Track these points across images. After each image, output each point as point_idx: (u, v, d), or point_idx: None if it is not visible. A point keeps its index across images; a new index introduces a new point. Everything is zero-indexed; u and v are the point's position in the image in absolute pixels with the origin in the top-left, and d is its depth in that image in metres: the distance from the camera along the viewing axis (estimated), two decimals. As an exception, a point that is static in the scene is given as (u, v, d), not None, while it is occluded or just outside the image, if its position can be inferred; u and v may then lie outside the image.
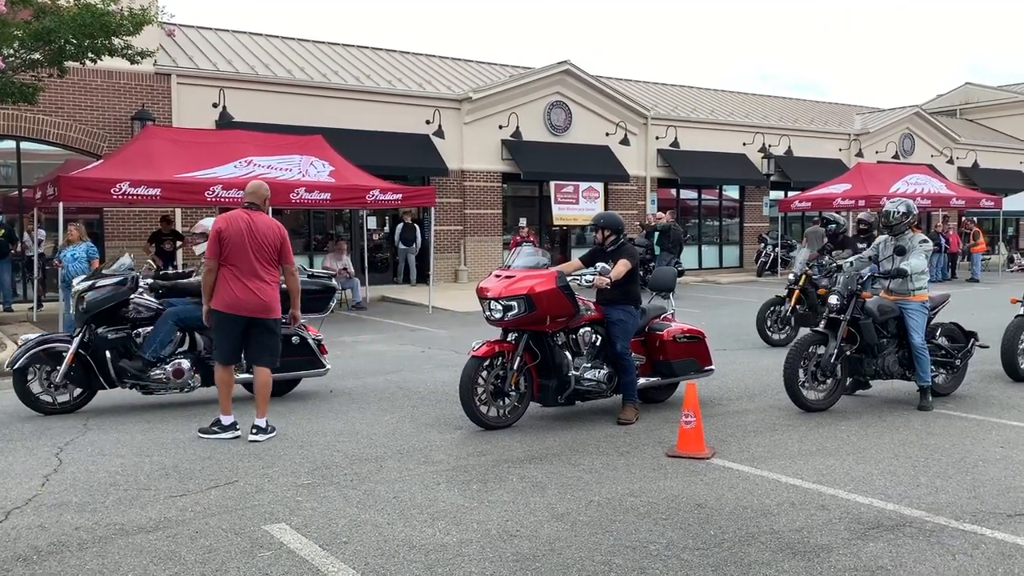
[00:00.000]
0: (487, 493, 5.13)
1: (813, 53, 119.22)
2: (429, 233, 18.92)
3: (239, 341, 6.49)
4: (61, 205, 12.52)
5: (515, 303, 6.52)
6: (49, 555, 4.20)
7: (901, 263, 7.43)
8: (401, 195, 15.49)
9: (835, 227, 12.39)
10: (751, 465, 5.72)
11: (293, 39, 23.00)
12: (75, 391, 7.49)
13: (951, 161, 32.41)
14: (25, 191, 15.96)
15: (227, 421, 6.49)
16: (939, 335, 7.99)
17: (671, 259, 17.43)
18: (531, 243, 17.66)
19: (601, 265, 6.86)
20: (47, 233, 15.91)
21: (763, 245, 26.02)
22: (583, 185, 23.09)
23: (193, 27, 21.16)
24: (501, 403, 6.75)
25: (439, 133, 20.83)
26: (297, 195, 13.74)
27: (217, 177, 13.28)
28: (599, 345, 7.05)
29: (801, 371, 7.21)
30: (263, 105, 18.74)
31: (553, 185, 22.64)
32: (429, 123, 20.93)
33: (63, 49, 12.81)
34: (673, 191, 26.45)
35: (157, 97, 17.78)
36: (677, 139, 25.31)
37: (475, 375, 6.55)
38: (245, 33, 22.23)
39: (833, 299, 7.34)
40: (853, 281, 7.38)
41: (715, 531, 4.50)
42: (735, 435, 6.55)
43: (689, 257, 24.72)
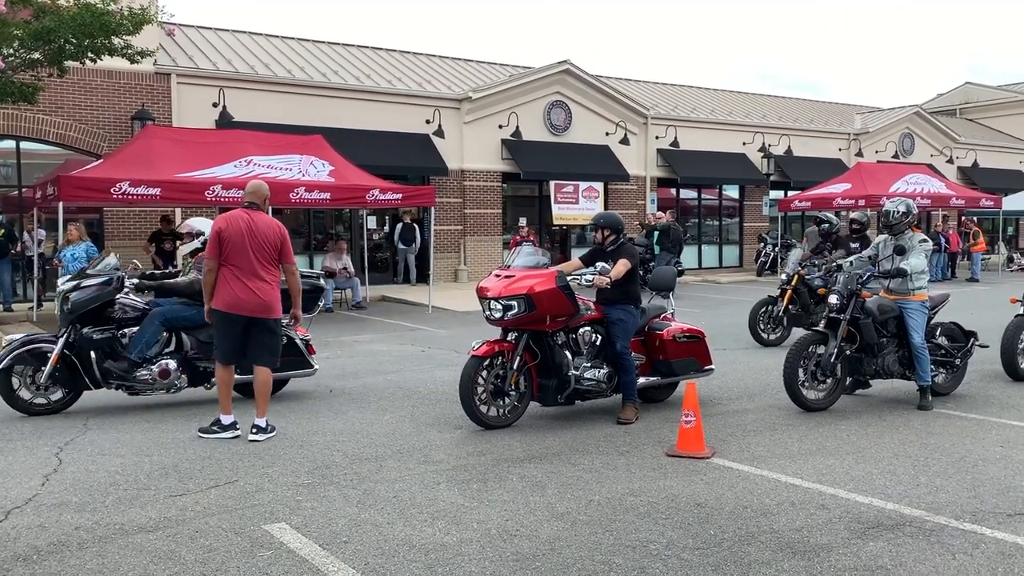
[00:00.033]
0: (487, 492, 5.13)
1: (813, 53, 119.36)
2: (429, 233, 18.92)
3: (239, 341, 6.48)
4: (61, 205, 12.53)
5: (515, 303, 6.52)
6: (49, 555, 4.20)
7: (901, 263, 7.43)
8: (401, 195, 15.49)
9: (828, 227, 12.39)
10: (751, 465, 5.72)
11: (293, 39, 23.00)
12: (55, 393, 7.33)
13: (951, 161, 32.42)
14: (25, 191, 15.97)
15: (227, 421, 6.49)
16: (939, 335, 7.99)
17: (671, 259, 17.43)
18: (531, 243, 17.67)
19: (601, 265, 6.86)
20: (47, 233, 15.91)
21: (763, 245, 26.02)
22: (583, 185, 23.09)
23: (193, 27, 21.16)
24: (501, 403, 6.75)
25: (439, 133, 20.83)
26: (297, 195, 13.75)
27: (217, 177, 13.29)
28: (599, 345, 7.05)
29: (801, 371, 7.21)
30: (263, 105, 18.75)
31: (553, 185, 22.64)
32: (429, 123, 20.93)
33: (63, 49, 12.83)
34: (673, 191, 26.46)
35: (157, 97, 17.78)
36: (677, 139, 25.31)
37: (475, 375, 6.55)
38: (245, 33, 22.23)
39: (833, 298, 7.35)
40: (853, 280, 7.38)
41: (715, 530, 4.50)
42: (735, 435, 6.55)
43: (689, 257, 24.74)
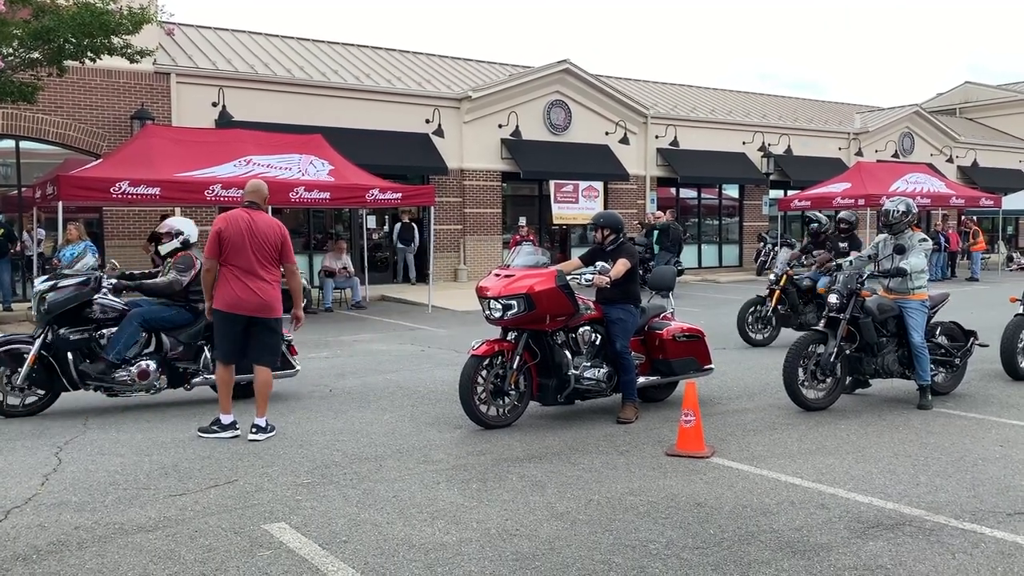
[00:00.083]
0: (487, 492, 5.13)
1: (812, 52, 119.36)
2: (429, 233, 18.91)
3: (240, 340, 6.47)
4: (61, 204, 12.52)
5: (515, 302, 6.52)
6: (48, 554, 4.20)
7: (901, 262, 7.43)
8: (401, 194, 15.49)
9: (817, 226, 12.43)
10: (751, 464, 5.72)
11: (292, 38, 23.00)
12: (31, 396, 7.22)
13: (951, 160, 32.42)
14: (25, 190, 15.96)
15: (227, 420, 6.49)
16: (939, 334, 7.99)
17: (670, 258, 17.45)
18: (531, 242, 17.68)
19: (601, 264, 6.85)
20: (47, 232, 15.91)
21: (763, 244, 26.01)
22: (583, 184, 23.10)
23: (192, 26, 21.16)
24: (501, 402, 6.75)
25: (439, 132, 20.83)
26: (296, 194, 13.74)
27: (216, 176, 13.28)
28: (599, 344, 7.05)
29: (801, 370, 7.21)
30: (262, 104, 18.75)
31: (553, 184, 22.64)
32: (429, 122, 20.92)
33: (62, 48, 12.82)
34: (673, 190, 26.46)
35: (156, 96, 17.78)
36: (677, 138, 25.30)
37: (475, 374, 6.55)
38: (244, 32, 22.23)
39: (833, 298, 7.35)
40: (853, 280, 7.38)
41: (715, 530, 4.50)
42: (735, 434, 6.55)
43: (689, 256, 24.74)
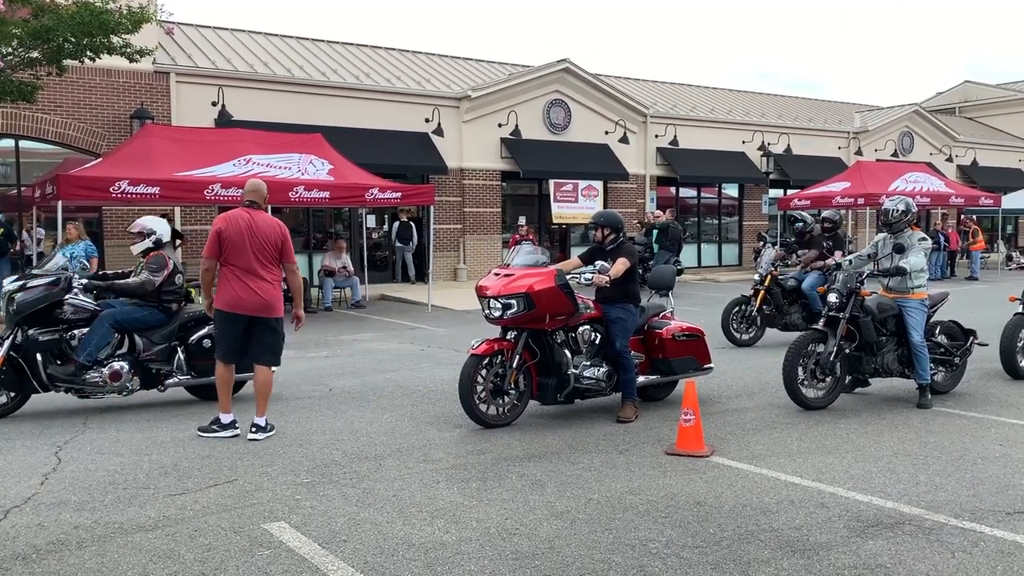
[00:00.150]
0: (486, 491, 5.13)
1: (812, 51, 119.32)
2: (428, 232, 18.90)
3: (240, 340, 6.47)
4: (60, 204, 12.51)
5: (514, 301, 6.52)
6: (48, 554, 4.20)
7: (900, 261, 7.43)
8: (400, 193, 15.48)
9: (802, 226, 12.42)
10: (750, 463, 5.72)
11: (292, 37, 22.98)
12: (0, 397, 7.14)
13: (950, 159, 32.43)
14: (24, 190, 15.95)
15: (226, 419, 6.49)
16: (938, 333, 7.99)
17: (670, 257, 17.47)
18: (530, 241, 17.69)
19: (600, 263, 6.86)
20: (46, 232, 15.91)
21: (762, 243, 25.96)
22: (582, 183, 23.09)
23: (192, 25, 21.15)
24: (500, 401, 6.75)
25: (438, 131, 20.82)
26: (296, 193, 13.74)
27: (216, 176, 13.27)
28: (598, 343, 7.05)
29: (800, 369, 7.21)
30: (262, 103, 18.74)
31: (552, 183, 22.63)
32: (428, 121, 20.92)
33: (62, 47, 12.81)
34: (672, 189, 26.45)
35: (156, 96, 17.77)
36: (676, 137, 25.30)
37: (474, 373, 6.54)
38: (244, 31, 22.21)
39: (832, 297, 7.35)
40: (852, 279, 7.38)
41: (714, 529, 4.50)
42: (734, 433, 6.55)
43: (688, 255, 24.74)
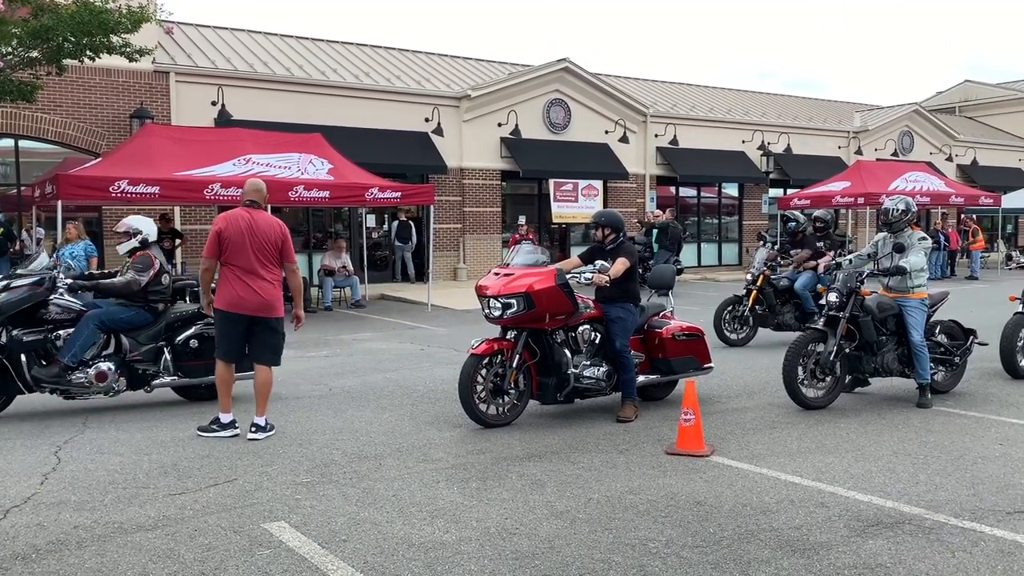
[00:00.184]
0: (486, 491, 5.13)
1: (812, 51, 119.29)
2: (428, 231, 18.89)
3: (240, 339, 6.47)
4: (60, 203, 12.50)
5: (514, 301, 6.51)
6: (48, 553, 4.20)
7: (900, 260, 7.42)
8: (400, 193, 15.47)
9: (795, 225, 12.42)
10: (750, 463, 5.72)
11: (292, 37, 22.97)
12: None
13: (950, 159, 32.42)
14: (24, 189, 15.95)
15: (226, 419, 6.48)
16: (938, 332, 7.99)
17: (670, 257, 17.48)
18: (530, 241, 17.71)
19: (600, 263, 6.85)
20: (46, 231, 15.88)
21: (762, 243, 25.97)
22: (582, 183, 23.07)
23: (192, 25, 21.13)
24: (500, 401, 6.74)
25: (438, 131, 20.81)
26: (296, 193, 13.73)
27: (216, 175, 13.27)
28: (598, 343, 7.05)
29: (800, 369, 7.20)
30: (262, 103, 18.73)
31: (552, 183, 22.62)
32: (428, 121, 20.91)
33: (61, 47, 12.80)
34: (672, 189, 26.44)
35: (156, 95, 17.76)
36: (676, 137, 25.29)
37: (474, 373, 6.54)
38: (244, 31, 22.20)
39: (832, 296, 7.34)
40: (852, 279, 7.38)
41: (714, 529, 4.50)
42: (734, 433, 6.55)
43: (688, 255, 24.74)
